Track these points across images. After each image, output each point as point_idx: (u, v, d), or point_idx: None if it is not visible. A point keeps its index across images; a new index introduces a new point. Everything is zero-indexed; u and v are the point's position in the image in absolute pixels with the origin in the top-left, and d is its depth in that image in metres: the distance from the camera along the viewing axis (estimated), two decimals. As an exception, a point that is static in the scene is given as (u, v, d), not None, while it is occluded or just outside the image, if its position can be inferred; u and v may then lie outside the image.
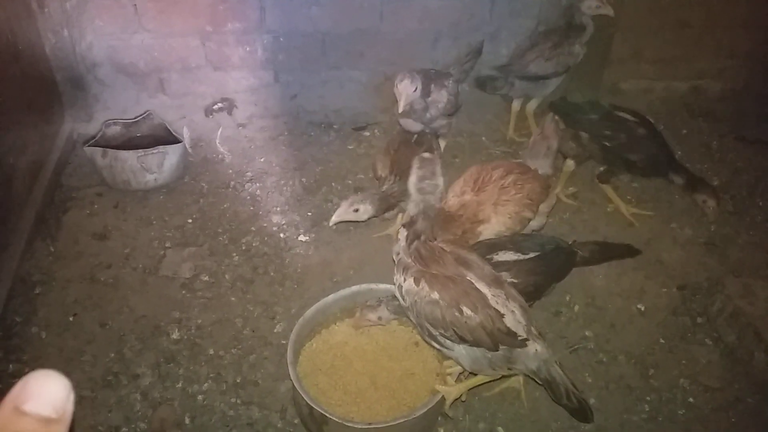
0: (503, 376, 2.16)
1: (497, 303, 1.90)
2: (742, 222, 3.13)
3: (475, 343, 1.90)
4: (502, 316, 1.88)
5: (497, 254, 2.25)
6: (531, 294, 2.24)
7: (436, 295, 1.89)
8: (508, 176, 2.45)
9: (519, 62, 3.35)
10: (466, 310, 1.87)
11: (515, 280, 2.16)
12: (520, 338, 1.90)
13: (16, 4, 2.97)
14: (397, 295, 2.03)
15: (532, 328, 1.96)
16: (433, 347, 2.10)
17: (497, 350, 1.91)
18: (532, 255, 2.26)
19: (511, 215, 2.42)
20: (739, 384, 2.41)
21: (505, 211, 2.39)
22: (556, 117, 2.85)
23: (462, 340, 1.90)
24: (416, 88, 2.71)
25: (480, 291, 1.90)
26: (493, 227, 2.40)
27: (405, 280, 1.95)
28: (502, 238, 2.40)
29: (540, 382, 2.01)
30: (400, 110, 2.73)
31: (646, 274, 2.83)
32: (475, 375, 2.11)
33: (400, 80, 2.71)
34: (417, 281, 1.92)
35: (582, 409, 1.99)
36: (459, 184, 2.52)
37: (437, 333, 1.94)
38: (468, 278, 1.92)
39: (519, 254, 2.25)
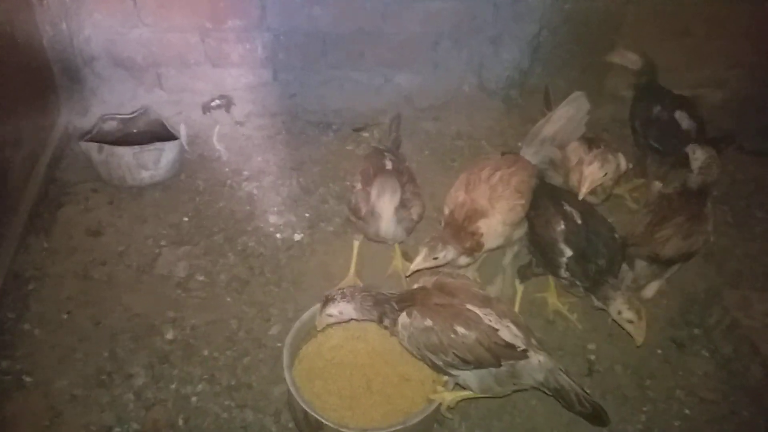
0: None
1: (490, 321, 1.93)
2: (740, 233, 3.13)
3: (478, 363, 1.92)
4: (496, 330, 1.92)
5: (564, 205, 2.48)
6: None
7: (429, 322, 1.93)
8: (495, 174, 2.48)
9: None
10: (461, 330, 1.91)
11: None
12: (519, 349, 1.91)
13: (14, -4, 2.93)
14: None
15: (532, 340, 1.96)
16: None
17: (500, 366, 1.92)
18: None
19: (506, 210, 2.43)
20: (734, 396, 2.41)
21: (500, 207, 2.41)
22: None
23: (464, 362, 1.92)
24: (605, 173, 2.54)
25: (471, 311, 1.94)
26: (491, 222, 2.39)
27: (399, 316, 1.98)
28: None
29: (550, 393, 2.00)
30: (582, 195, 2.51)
31: (644, 283, 2.82)
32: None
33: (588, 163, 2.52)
34: (409, 314, 1.97)
35: (597, 414, 1.98)
36: (453, 192, 2.54)
37: (440, 362, 1.96)
38: (456, 302, 1.97)
39: None
